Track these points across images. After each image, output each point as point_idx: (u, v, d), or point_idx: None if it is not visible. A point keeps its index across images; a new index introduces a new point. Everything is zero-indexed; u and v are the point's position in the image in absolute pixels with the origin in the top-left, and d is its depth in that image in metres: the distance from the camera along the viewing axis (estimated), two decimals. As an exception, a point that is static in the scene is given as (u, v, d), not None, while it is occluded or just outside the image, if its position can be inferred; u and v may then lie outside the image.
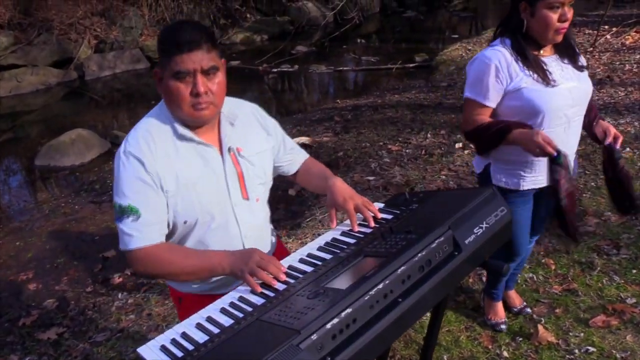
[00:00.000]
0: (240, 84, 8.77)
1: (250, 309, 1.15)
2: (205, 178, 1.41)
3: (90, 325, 3.11)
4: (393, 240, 1.24)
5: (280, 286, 1.22)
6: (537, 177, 1.92)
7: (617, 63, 6.62)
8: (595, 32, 7.82)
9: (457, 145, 4.75)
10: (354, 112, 6.57)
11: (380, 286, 1.07)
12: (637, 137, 4.25)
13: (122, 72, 10.04)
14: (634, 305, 2.33)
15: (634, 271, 2.57)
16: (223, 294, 1.53)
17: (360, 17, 12.04)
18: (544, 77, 1.79)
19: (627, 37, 7.61)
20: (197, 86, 1.30)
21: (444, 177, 4.16)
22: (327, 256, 1.30)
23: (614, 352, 2.09)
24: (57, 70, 9.51)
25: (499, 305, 2.36)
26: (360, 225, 1.44)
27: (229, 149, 1.45)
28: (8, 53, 9.07)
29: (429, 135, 5.15)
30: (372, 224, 1.41)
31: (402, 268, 1.12)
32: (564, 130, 1.86)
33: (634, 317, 2.26)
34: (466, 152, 4.57)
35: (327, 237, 1.43)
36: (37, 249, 4.25)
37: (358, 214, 1.45)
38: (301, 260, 1.32)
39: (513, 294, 2.43)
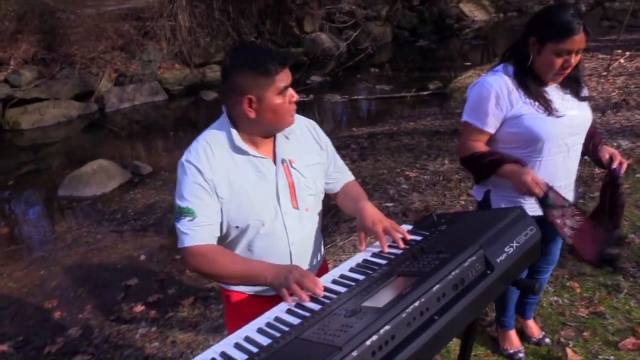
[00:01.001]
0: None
1: (287, 329, 1.17)
2: (258, 186, 1.53)
3: (115, 352, 3.13)
4: (425, 260, 1.27)
5: (315, 306, 1.24)
6: (535, 205, 1.86)
7: (633, 86, 6.63)
8: (609, 56, 7.86)
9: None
10: (370, 139, 6.63)
11: (417, 304, 1.09)
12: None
13: (141, 104, 10.26)
14: (663, 328, 2.30)
15: (662, 294, 2.55)
16: (268, 297, 1.61)
17: (374, 46, 12.24)
18: (546, 106, 1.79)
19: (641, 61, 7.64)
20: (294, 96, 1.51)
21: (463, 202, 4.16)
22: (360, 277, 1.33)
23: (646, 375, 2.07)
24: (79, 103, 9.75)
25: (512, 334, 2.31)
26: (389, 246, 1.47)
27: (282, 161, 1.57)
28: (32, 87, 9.33)
29: (446, 162, 5.17)
30: (402, 245, 1.44)
31: (437, 286, 1.14)
32: (563, 158, 1.87)
33: (664, 339, 2.23)
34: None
35: (357, 259, 1.46)
36: (60, 278, 4.31)
37: (387, 236, 1.49)
38: (334, 282, 1.35)
39: (531, 324, 2.39)
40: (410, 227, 1.59)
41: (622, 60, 7.82)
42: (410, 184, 4.77)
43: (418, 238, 1.47)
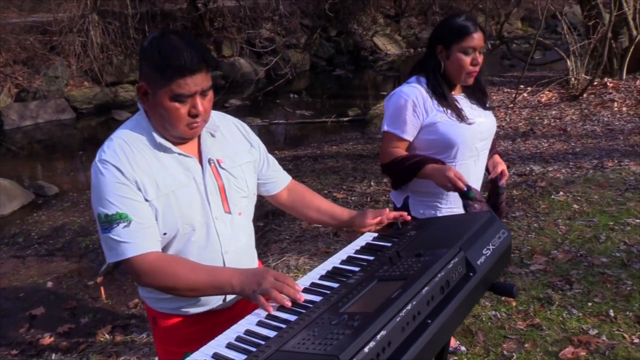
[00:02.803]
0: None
1: (262, 342, 1.04)
2: (186, 187, 1.36)
3: (19, 391, 2.75)
4: (405, 264, 1.20)
5: (289, 316, 1.12)
6: (452, 208, 2.00)
7: (537, 118, 7.14)
8: (514, 90, 8.46)
9: (401, 192, 4.83)
10: (294, 162, 6.57)
11: (409, 307, 1.01)
12: (567, 182, 4.54)
13: (45, 122, 9.54)
14: (596, 336, 2.39)
15: (590, 304, 2.66)
16: (199, 314, 1.46)
17: (293, 73, 12.33)
18: (458, 113, 1.91)
19: (541, 95, 8.28)
20: (197, 107, 1.29)
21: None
22: (333, 284, 1.23)
23: (588, 383, 2.12)
24: (-28, 119, 8.89)
25: None
26: (358, 254, 1.39)
27: (209, 161, 1.41)
28: None
29: (372, 184, 5.22)
30: (409, 219, 1.53)
31: (426, 289, 1.07)
32: (474, 162, 1.99)
33: (599, 347, 2.31)
34: (410, 198, 4.65)
35: (326, 266, 1.35)
36: (-51, 310, 3.78)
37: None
38: (305, 291, 1.24)
39: None
40: (374, 235, 1.53)
41: (525, 94, 8.43)
42: (338, 204, 4.73)
43: (388, 244, 1.41)
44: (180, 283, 1.28)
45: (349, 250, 1.44)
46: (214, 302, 1.46)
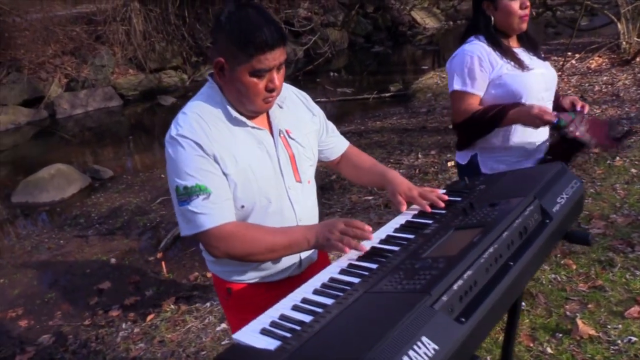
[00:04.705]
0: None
1: (348, 288, 1.09)
2: (262, 161, 1.39)
3: (96, 357, 2.93)
4: (480, 213, 1.22)
5: (371, 264, 1.17)
6: (521, 160, 2.02)
7: (587, 85, 6.91)
8: (561, 58, 8.19)
9: (449, 164, 4.80)
10: (339, 138, 6.60)
11: (491, 250, 1.04)
12: (623, 147, 4.40)
13: (95, 110, 9.86)
14: (663, 297, 2.35)
15: (654, 266, 2.61)
16: (276, 281, 1.51)
17: (332, 51, 12.30)
18: (519, 63, 1.93)
19: (590, 61, 7.99)
20: (274, 82, 1.31)
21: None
22: (409, 236, 1.26)
23: (656, 340, 2.10)
24: (27, 109, 9.27)
25: None
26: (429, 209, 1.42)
27: (280, 132, 1.44)
28: (-25, 93, 8.81)
29: (420, 156, 5.20)
30: (442, 205, 1.39)
31: (505, 233, 1.09)
32: None
33: (666, 307, 2.28)
34: (459, 169, 4.62)
35: (399, 220, 1.39)
36: (23, 286, 4.02)
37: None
38: (382, 242, 1.28)
39: None
40: (443, 191, 1.55)
41: (573, 62, 8.15)
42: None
43: (457, 199, 1.43)
44: (259, 246, 1.31)
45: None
46: (289, 268, 1.50)
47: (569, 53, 8.43)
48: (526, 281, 1.12)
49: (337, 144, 1.69)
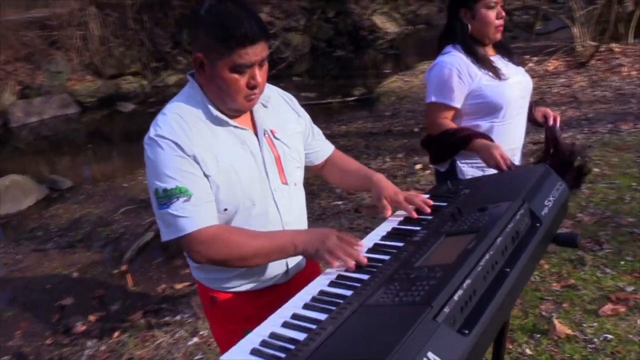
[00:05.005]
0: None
1: (340, 300, 1.04)
2: (245, 161, 1.34)
3: (60, 378, 2.78)
4: (470, 218, 1.19)
5: (361, 275, 1.12)
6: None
7: (545, 87, 7.10)
8: (519, 61, 8.38)
9: (417, 167, 4.83)
10: (305, 143, 6.55)
11: (487, 257, 1.02)
12: (584, 147, 4.52)
13: (51, 118, 9.50)
14: (634, 292, 2.40)
15: (622, 262, 2.67)
16: (262, 290, 1.45)
17: (294, 56, 12.27)
18: (496, 73, 1.93)
19: (548, 64, 8.22)
20: (255, 79, 1.26)
21: (413, 195, 4.19)
22: (398, 243, 1.23)
23: (631, 336, 2.13)
24: (-22, 118, 8.87)
25: None
26: (413, 216, 1.39)
27: (264, 132, 1.39)
28: None
29: (387, 160, 5.21)
30: (428, 210, 1.36)
31: (499, 239, 1.07)
32: (518, 121, 2.00)
33: (637, 302, 2.33)
34: (427, 172, 4.65)
35: (386, 227, 1.36)
36: (-22, 304, 3.80)
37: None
38: (370, 251, 1.24)
39: None
40: (427, 195, 1.53)
41: (531, 64, 8.36)
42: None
43: (443, 204, 1.40)
44: (243, 251, 1.26)
45: (404, 212, 1.44)
46: (275, 276, 1.45)
47: (527, 56, 8.64)
48: (522, 288, 1.10)
49: (323, 148, 1.66)
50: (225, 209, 1.32)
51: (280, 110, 1.48)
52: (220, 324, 1.52)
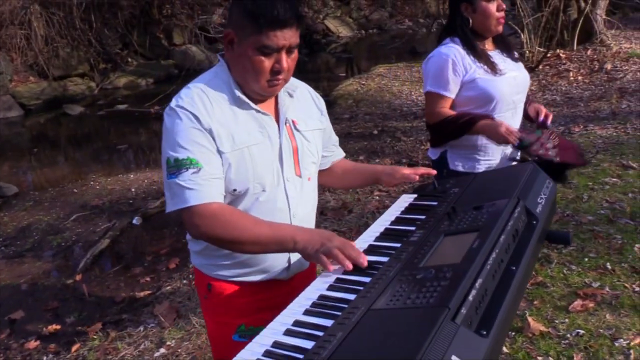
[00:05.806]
0: (131, 127, 8.31)
1: (344, 305, 1.00)
2: (261, 145, 1.32)
3: (14, 397, 2.59)
4: (467, 217, 1.18)
5: (363, 278, 1.08)
6: (490, 160, 2.06)
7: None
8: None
9: (379, 169, 4.84)
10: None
11: (494, 255, 1.00)
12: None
13: (-9, 121, 9.00)
14: (600, 288, 2.47)
15: (586, 259, 2.75)
16: (259, 283, 1.41)
17: (248, 58, 12.11)
18: (492, 67, 1.96)
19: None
20: (281, 64, 1.25)
21: (377, 197, 4.20)
22: (395, 244, 1.19)
23: (601, 330, 2.19)
24: None
25: None
26: (405, 215, 1.37)
27: (286, 121, 1.37)
28: None
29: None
30: (434, 172, 1.51)
31: (503, 237, 1.05)
32: (511, 115, 2.04)
33: (604, 298, 2.39)
34: (389, 174, 4.66)
35: (378, 228, 1.32)
36: None
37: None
38: (366, 252, 1.19)
39: None
40: (413, 196, 1.51)
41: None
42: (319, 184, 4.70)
43: (433, 203, 1.38)
44: (242, 235, 1.22)
45: (393, 212, 1.42)
46: (275, 270, 1.41)
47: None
48: (526, 285, 1.09)
49: (336, 153, 1.67)
50: (235, 190, 1.30)
51: (306, 103, 1.48)
52: (213, 316, 1.48)
